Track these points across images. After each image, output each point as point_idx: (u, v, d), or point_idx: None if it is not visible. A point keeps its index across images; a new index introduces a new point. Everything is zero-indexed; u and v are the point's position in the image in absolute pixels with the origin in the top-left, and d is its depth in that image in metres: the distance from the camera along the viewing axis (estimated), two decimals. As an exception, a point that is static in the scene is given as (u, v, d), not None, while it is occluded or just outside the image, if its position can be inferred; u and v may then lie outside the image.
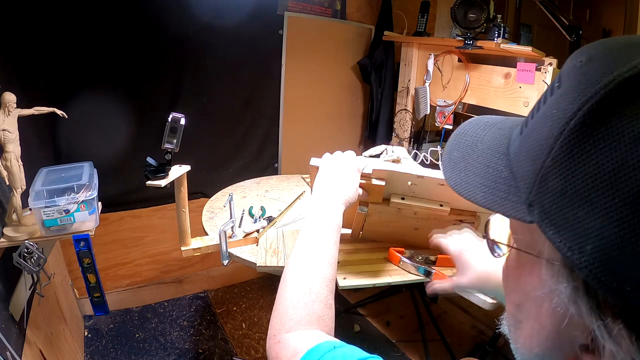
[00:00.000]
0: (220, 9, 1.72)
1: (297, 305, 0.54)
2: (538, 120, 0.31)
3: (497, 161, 0.35)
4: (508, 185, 0.32)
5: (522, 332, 0.34)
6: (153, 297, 2.06)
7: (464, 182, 0.36)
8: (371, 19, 2.26)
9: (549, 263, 0.29)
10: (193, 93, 1.81)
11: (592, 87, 0.26)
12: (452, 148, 0.40)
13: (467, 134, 0.40)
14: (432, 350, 1.80)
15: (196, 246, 1.09)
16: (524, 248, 0.33)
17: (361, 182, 0.79)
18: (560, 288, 0.28)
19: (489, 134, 0.38)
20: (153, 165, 0.97)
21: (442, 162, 0.40)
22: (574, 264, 0.26)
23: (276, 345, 0.52)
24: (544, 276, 0.30)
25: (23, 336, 1.04)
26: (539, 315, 0.32)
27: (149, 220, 1.93)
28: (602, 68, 0.27)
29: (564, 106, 0.28)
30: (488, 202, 0.33)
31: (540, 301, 0.31)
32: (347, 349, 0.45)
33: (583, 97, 0.26)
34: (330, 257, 0.62)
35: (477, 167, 0.36)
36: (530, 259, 0.32)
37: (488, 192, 0.34)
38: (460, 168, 0.38)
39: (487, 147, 0.37)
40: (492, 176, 0.34)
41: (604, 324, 0.26)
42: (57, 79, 1.51)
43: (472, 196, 0.35)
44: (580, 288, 0.27)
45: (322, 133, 2.32)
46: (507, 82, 1.65)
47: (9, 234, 0.97)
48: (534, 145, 0.30)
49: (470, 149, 0.38)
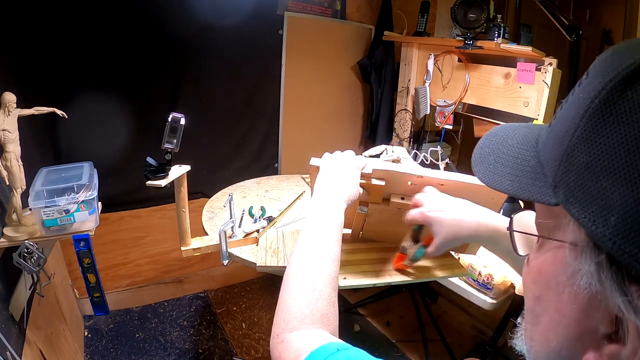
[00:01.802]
0: (221, 9, 1.72)
1: (300, 304, 0.53)
2: (565, 109, 0.32)
3: (526, 152, 0.36)
4: (535, 173, 0.34)
5: (540, 327, 0.34)
6: (153, 297, 2.07)
7: (492, 173, 0.38)
8: (371, 19, 2.26)
9: (572, 246, 0.30)
10: (193, 93, 1.81)
11: (614, 70, 0.28)
12: (484, 145, 0.42)
13: (498, 134, 0.42)
14: (432, 350, 1.80)
15: (196, 246, 1.09)
16: (548, 235, 0.34)
17: (361, 181, 0.79)
18: (583, 268, 0.28)
19: (519, 132, 0.40)
20: (153, 165, 0.97)
21: (473, 157, 0.42)
22: (597, 237, 0.26)
23: (279, 345, 0.50)
24: (567, 259, 0.30)
25: (23, 336, 1.04)
26: (559, 304, 0.32)
27: (149, 220, 1.93)
28: (625, 56, 0.28)
29: (589, 90, 0.29)
30: (515, 189, 0.35)
31: (562, 287, 0.31)
32: (351, 351, 0.44)
33: (606, 78, 0.28)
34: (333, 255, 0.61)
35: (506, 159, 0.38)
36: (554, 246, 0.33)
37: (515, 181, 0.35)
38: (489, 161, 0.39)
39: (517, 142, 0.39)
40: (520, 165, 0.36)
41: (628, 300, 0.26)
42: (57, 79, 1.51)
43: (499, 185, 0.37)
44: (604, 264, 0.27)
45: (322, 133, 2.32)
46: (507, 82, 1.65)
47: (9, 234, 0.97)
48: (561, 130, 0.31)
49: (500, 145, 0.40)
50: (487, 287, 1.24)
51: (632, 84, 0.27)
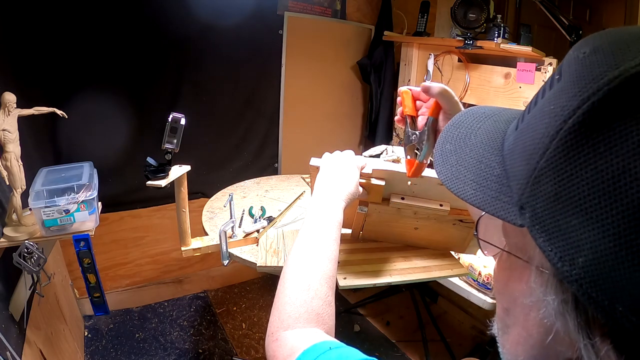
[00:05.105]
0: (221, 9, 1.72)
1: (295, 302, 0.53)
2: (535, 115, 0.29)
3: (490, 157, 0.33)
4: (500, 184, 0.30)
5: (509, 338, 0.33)
6: (153, 297, 2.06)
7: (455, 177, 0.34)
8: (371, 19, 2.26)
9: (538, 270, 0.27)
10: (193, 93, 1.81)
11: (594, 82, 0.23)
12: (445, 140, 0.38)
13: (462, 125, 0.38)
14: (432, 350, 1.80)
15: (196, 246, 1.09)
16: (514, 251, 0.31)
17: (361, 181, 0.79)
18: (548, 299, 0.26)
19: (484, 126, 0.36)
20: (153, 165, 0.97)
21: (434, 155, 0.38)
22: (564, 276, 0.24)
23: (274, 343, 0.51)
24: (532, 284, 0.28)
25: (23, 336, 1.04)
26: (526, 323, 0.30)
27: (149, 220, 1.93)
28: (607, 61, 0.24)
29: (562, 102, 0.25)
30: (478, 201, 0.31)
31: (528, 309, 0.29)
32: (343, 350, 0.44)
33: (584, 93, 0.24)
34: (330, 254, 0.61)
35: (469, 162, 0.34)
36: (520, 264, 0.30)
37: (479, 190, 0.32)
38: (451, 162, 0.35)
39: (481, 141, 0.35)
40: (484, 173, 0.32)
41: (591, 343, 0.24)
42: (57, 79, 1.51)
43: (462, 193, 0.33)
44: (570, 302, 0.25)
45: (322, 133, 2.32)
46: (507, 82, 1.65)
47: (9, 234, 0.97)
48: (529, 144, 0.28)
49: (463, 142, 0.36)
50: (487, 287, 1.24)
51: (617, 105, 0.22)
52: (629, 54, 0.23)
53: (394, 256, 0.97)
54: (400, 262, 0.96)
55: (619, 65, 0.23)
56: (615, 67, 0.23)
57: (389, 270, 0.93)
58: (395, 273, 0.92)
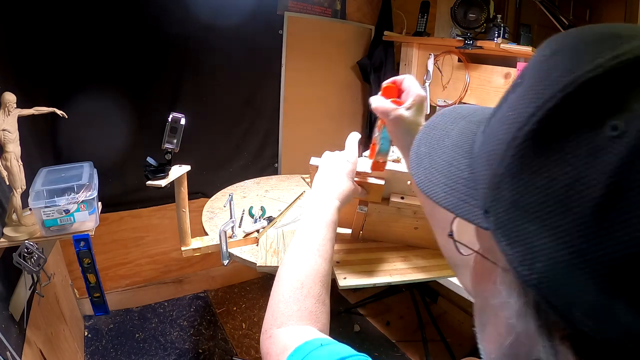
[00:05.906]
0: (221, 9, 1.72)
1: (288, 300, 0.54)
2: (498, 119, 0.29)
3: (461, 159, 0.33)
4: (468, 187, 0.31)
5: (485, 336, 0.34)
6: (153, 297, 2.07)
7: (428, 180, 0.35)
8: (371, 19, 2.26)
9: (504, 272, 0.28)
10: (193, 93, 1.81)
11: (549, 88, 0.23)
12: (420, 142, 0.38)
13: (437, 127, 0.38)
14: (432, 350, 1.80)
15: (196, 246, 1.09)
16: (485, 252, 0.31)
17: (360, 181, 0.79)
18: (512, 301, 0.27)
19: (457, 127, 0.36)
20: (153, 165, 0.97)
21: (410, 156, 0.38)
22: (524, 280, 0.24)
23: (267, 340, 0.52)
24: (499, 285, 0.29)
25: (23, 336, 1.04)
26: (496, 322, 0.31)
27: (149, 220, 1.93)
28: (564, 65, 0.24)
29: (520, 109, 0.25)
30: (449, 203, 0.32)
31: (497, 309, 0.30)
32: (334, 346, 0.44)
33: (539, 99, 0.24)
34: (323, 252, 0.61)
35: (441, 165, 0.34)
36: (489, 265, 0.30)
37: (449, 193, 0.32)
38: (425, 165, 0.36)
39: (453, 143, 0.35)
40: (454, 176, 0.33)
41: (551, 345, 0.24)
42: (57, 79, 1.51)
43: (435, 195, 0.33)
44: (531, 305, 0.25)
45: (322, 133, 2.31)
46: (507, 82, 1.65)
47: (9, 234, 0.97)
48: (491, 149, 0.28)
49: (437, 144, 0.36)
50: (487, 287, 1.24)
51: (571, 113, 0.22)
52: (586, 57, 0.23)
53: (394, 256, 0.97)
54: (400, 262, 0.96)
55: (574, 70, 0.22)
56: (570, 72, 0.22)
57: (389, 270, 0.93)
58: (395, 273, 0.92)
